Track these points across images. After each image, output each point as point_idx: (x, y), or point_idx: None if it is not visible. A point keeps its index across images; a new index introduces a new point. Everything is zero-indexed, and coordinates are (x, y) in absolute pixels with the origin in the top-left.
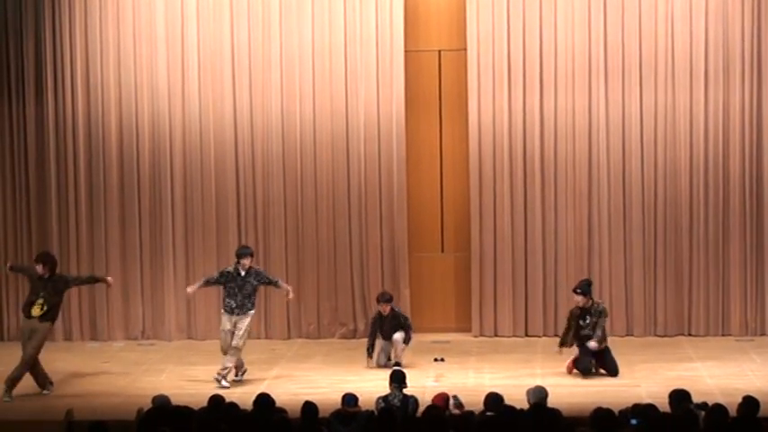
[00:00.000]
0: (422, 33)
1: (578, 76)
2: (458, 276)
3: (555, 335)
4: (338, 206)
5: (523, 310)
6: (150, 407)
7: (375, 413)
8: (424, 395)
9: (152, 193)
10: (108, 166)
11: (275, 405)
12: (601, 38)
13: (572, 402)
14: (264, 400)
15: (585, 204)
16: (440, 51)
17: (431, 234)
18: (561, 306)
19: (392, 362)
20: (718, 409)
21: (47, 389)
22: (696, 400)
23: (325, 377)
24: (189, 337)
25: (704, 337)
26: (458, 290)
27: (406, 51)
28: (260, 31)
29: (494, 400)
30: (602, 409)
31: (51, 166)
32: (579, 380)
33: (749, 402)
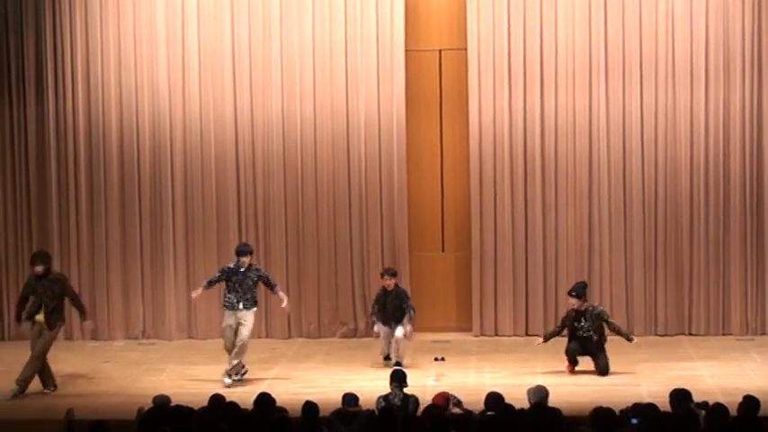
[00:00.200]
0: (422, 33)
1: (579, 75)
2: (458, 276)
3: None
4: (339, 205)
5: (524, 310)
6: (151, 406)
7: (376, 413)
8: (425, 395)
9: (152, 192)
10: (108, 165)
11: (276, 404)
12: (601, 37)
13: (572, 402)
14: (265, 400)
15: (586, 203)
16: (440, 51)
17: (431, 233)
18: (561, 305)
19: (393, 361)
20: (719, 408)
21: (48, 388)
22: (697, 399)
23: (325, 376)
24: (189, 337)
25: (705, 336)
26: (458, 289)
27: (406, 50)
28: (260, 31)
29: (494, 399)
30: (601, 408)
31: (52, 165)
32: (580, 379)
33: (750, 402)
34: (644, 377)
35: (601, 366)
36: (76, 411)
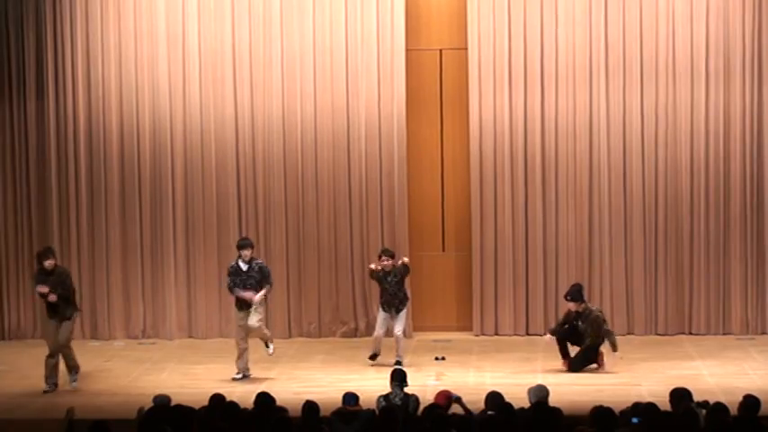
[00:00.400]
0: (423, 32)
1: (579, 75)
2: (459, 275)
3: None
4: (339, 205)
5: (524, 309)
6: (151, 406)
7: (376, 412)
8: (425, 394)
9: (153, 191)
10: (109, 165)
11: (276, 404)
12: (602, 37)
13: (573, 401)
14: (265, 399)
15: (586, 203)
16: (441, 50)
17: (432, 233)
18: (562, 305)
19: (376, 360)
20: (719, 407)
21: (48, 385)
22: (697, 398)
23: (326, 376)
24: (190, 336)
25: (705, 335)
26: (459, 289)
27: (407, 50)
28: (261, 30)
29: (494, 398)
30: (601, 407)
31: (52, 165)
32: (580, 379)
33: (750, 401)
34: (644, 376)
35: (575, 363)
36: (77, 411)
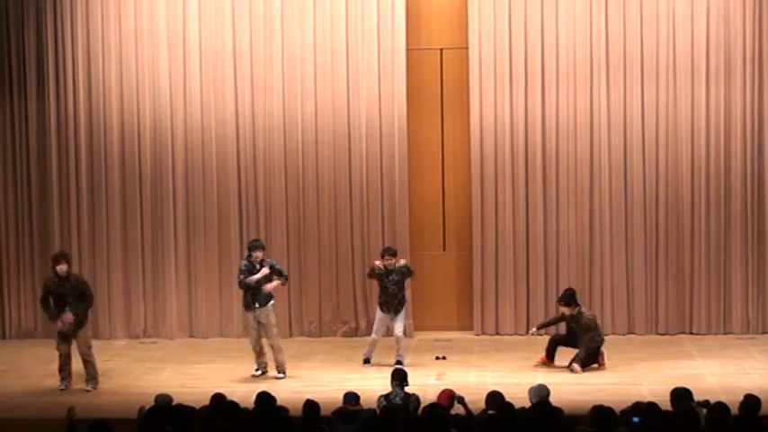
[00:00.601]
0: (423, 31)
1: (580, 74)
2: (459, 274)
3: (556, 333)
4: (340, 204)
5: (525, 309)
6: (152, 405)
7: (377, 411)
8: (426, 394)
9: (153, 190)
10: (109, 164)
11: (277, 403)
12: (602, 36)
13: (574, 400)
14: (266, 399)
15: (587, 202)
16: (441, 49)
17: (432, 232)
18: None
19: (370, 364)
20: (720, 407)
21: (63, 383)
22: (698, 398)
23: (326, 375)
24: (190, 336)
25: (706, 335)
26: (459, 288)
27: (407, 49)
28: (261, 29)
29: (495, 398)
30: (601, 406)
31: (53, 164)
32: (581, 378)
33: (751, 400)
34: (645, 376)
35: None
36: (78, 410)
